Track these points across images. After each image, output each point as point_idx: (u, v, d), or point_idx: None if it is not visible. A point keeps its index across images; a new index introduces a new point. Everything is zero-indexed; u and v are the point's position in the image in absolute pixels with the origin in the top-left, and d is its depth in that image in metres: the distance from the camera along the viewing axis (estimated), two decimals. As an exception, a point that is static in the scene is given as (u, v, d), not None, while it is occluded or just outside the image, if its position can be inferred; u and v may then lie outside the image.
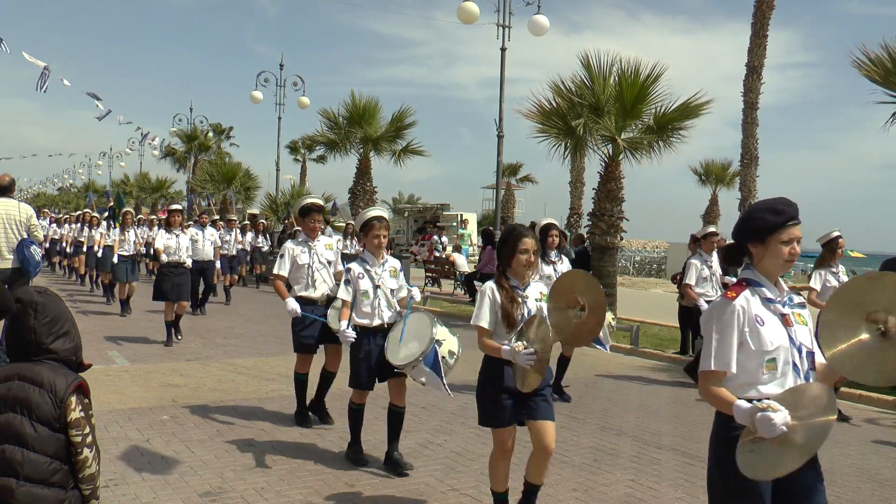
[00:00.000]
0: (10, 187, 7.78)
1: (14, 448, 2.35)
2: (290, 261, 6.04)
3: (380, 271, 5.08)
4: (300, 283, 6.07)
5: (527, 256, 3.89)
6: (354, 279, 4.99)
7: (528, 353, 3.70)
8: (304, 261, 6.05)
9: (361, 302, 5.01)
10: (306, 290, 6.06)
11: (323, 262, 6.15)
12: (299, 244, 6.14)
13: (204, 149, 38.63)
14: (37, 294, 2.47)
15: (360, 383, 5.07)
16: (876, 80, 11.11)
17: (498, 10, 16.88)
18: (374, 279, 5.04)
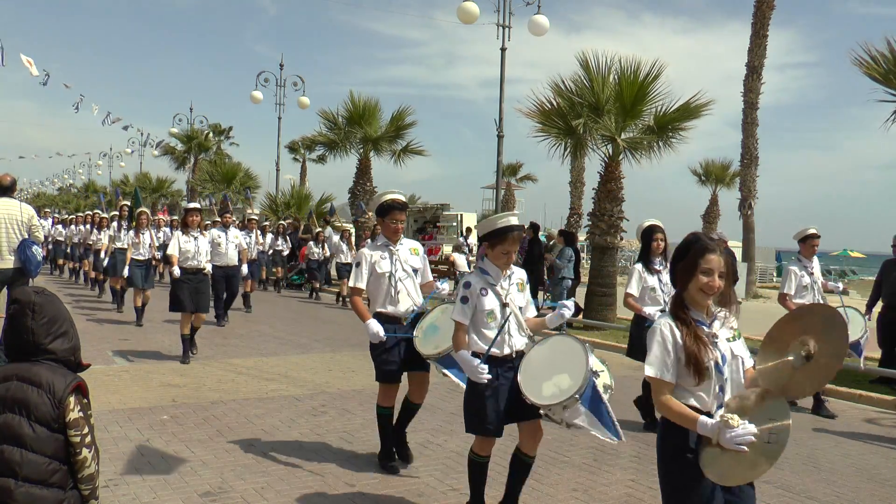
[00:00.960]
0: (12, 187, 7.78)
1: (13, 448, 2.35)
2: (369, 270, 5.05)
3: (506, 286, 4.06)
4: (380, 296, 5.06)
5: (709, 279, 2.82)
6: (474, 296, 3.97)
7: (746, 432, 2.63)
8: (384, 269, 5.04)
9: (485, 325, 3.97)
10: (387, 306, 5.04)
11: (407, 271, 5.12)
12: (378, 249, 5.11)
13: (204, 149, 38.64)
14: (35, 294, 2.46)
15: (487, 429, 3.95)
16: (876, 79, 11.11)
17: (498, 10, 16.88)
18: (501, 296, 4.04)
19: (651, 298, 6.47)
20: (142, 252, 11.83)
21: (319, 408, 6.77)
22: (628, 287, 6.56)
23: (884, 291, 8.93)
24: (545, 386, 3.74)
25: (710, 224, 29.14)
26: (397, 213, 5.08)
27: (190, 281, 8.84)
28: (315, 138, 24.61)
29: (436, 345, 4.61)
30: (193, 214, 9.46)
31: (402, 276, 5.08)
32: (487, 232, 4.02)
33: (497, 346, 3.91)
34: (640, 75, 13.09)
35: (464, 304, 3.96)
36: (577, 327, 13.12)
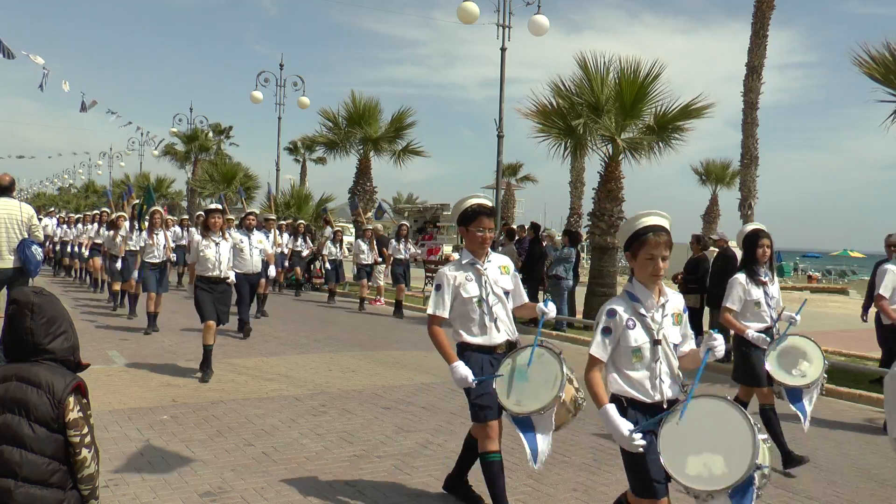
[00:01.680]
0: (11, 187, 7.78)
1: (12, 449, 2.35)
2: (452, 293, 4.12)
3: (658, 317, 3.21)
4: (467, 325, 4.15)
5: None
6: (619, 327, 3.18)
7: None
8: (472, 292, 4.11)
9: (629, 365, 3.19)
10: (479, 335, 4.13)
11: (499, 295, 4.18)
12: (462, 269, 4.17)
13: (204, 149, 38.64)
14: (33, 294, 2.46)
15: (658, 489, 3.13)
16: (876, 79, 11.11)
17: (498, 10, 16.89)
18: (652, 328, 3.18)
19: (754, 314, 5.51)
20: (156, 254, 11.07)
21: (319, 408, 6.77)
22: (727, 300, 5.51)
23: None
24: (691, 462, 2.94)
25: (710, 224, 29.14)
26: (486, 219, 4.13)
27: (212, 290, 7.96)
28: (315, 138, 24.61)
29: (517, 400, 3.70)
30: (215, 216, 8.31)
31: (494, 300, 4.15)
32: (627, 239, 3.29)
33: (641, 391, 3.14)
34: (640, 75, 13.10)
35: (605, 337, 3.19)
36: (578, 327, 13.12)
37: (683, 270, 11.02)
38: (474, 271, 4.16)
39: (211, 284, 7.96)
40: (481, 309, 4.11)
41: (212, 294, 7.94)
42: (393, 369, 8.90)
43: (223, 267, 8.06)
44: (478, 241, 4.14)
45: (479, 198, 4.23)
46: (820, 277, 42.63)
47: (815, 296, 25.94)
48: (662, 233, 3.20)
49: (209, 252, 7.98)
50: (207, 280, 7.95)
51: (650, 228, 3.21)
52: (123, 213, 13.91)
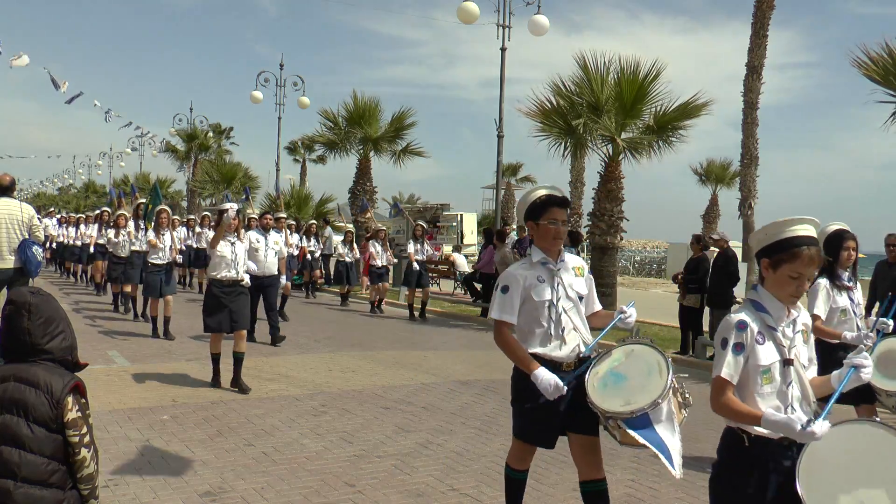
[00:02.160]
0: (11, 187, 7.78)
1: (11, 449, 2.35)
2: (522, 296, 3.55)
3: (790, 332, 2.73)
4: (535, 333, 3.56)
5: None
6: (749, 343, 2.68)
7: None
8: (543, 297, 3.54)
9: (756, 387, 2.70)
10: (545, 346, 3.55)
11: (573, 299, 3.63)
12: (533, 268, 3.60)
13: (204, 148, 38.66)
14: (30, 294, 2.45)
15: None
16: (876, 80, 11.13)
17: (498, 10, 16.89)
18: (783, 345, 2.71)
19: (841, 323, 5.03)
20: (161, 255, 10.56)
21: (319, 408, 6.78)
22: (814, 307, 5.01)
23: (879, 292, 8.95)
24: (843, 501, 2.45)
25: (710, 224, 29.15)
26: (557, 210, 3.57)
27: (226, 295, 7.37)
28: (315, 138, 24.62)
29: (626, 399, 3.20)
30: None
31: (568, 305, 3.59)
32: (769, 244, 2.73)
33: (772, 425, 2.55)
34: (640, 75, 13.11)
35: (736, 355, 2.66)
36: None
37: (683, 270, 11.02)
38: (546, 272, 3.59)
39: (225, 288, 7.39)
40: (551, 316, 3.55)
41: (226, 298, 7.35)
42: (393, 369, 8.90)
43: (239, 268, 7.53)
44: (550, 236, 3.58)
45: (548, 188, 3.70)
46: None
47: (815, 296, 25.89)
48: (815, 246, 2.67)
49: (225, 251, 7.43)
50: (221, 283, 7.40)
51: (805, 241, 2.66)
52: (124, 212, 13.34)
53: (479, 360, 9.84)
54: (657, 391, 3.17)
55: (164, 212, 10.91)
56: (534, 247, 3.66)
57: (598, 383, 3.31)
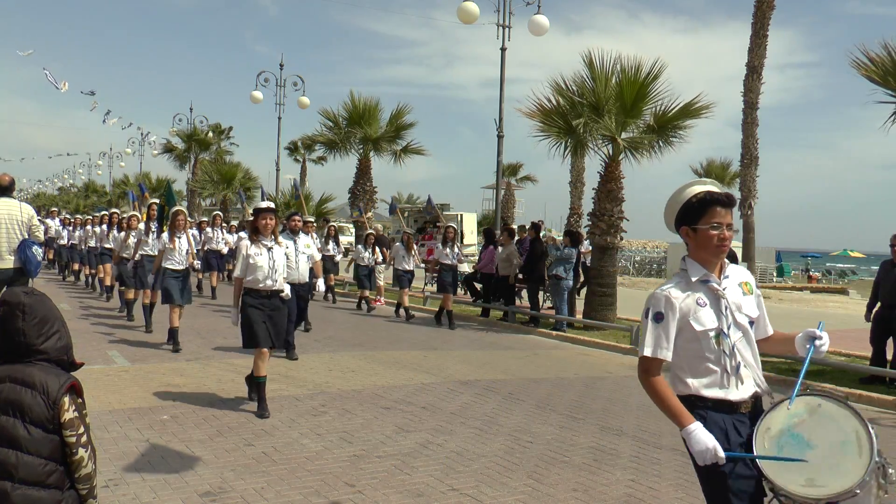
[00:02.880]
0: (11, 187, 7.78)
1: (8, 451, 2.34)
2: (680, 322, 2.74)
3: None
4: (698, 370, 2.76)
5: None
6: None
7: None
8: (707, 324, 2.73)
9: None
10: (716, 386, 2.73)
11: (742, 326, 2.79)
12: (691, 288, 2.78)
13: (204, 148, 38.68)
14: (24, 295, 2.44)
15: None
16: (875, 81, 11.11)
17: (498, 10, 16.90)
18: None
19: None
20: (177, 260, 9.67)
21: (319, 408, 6.77)
22: None
23: (881, 291, 8.97)
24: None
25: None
26: (720, 210, 2.76)
27: (263, 307, 6.58)
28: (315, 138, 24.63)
29: (808, 478, 2.49)
30: (267, 216, 6.71)
31: (735, 334, 2.76)
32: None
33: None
34: (641, 75, 13.10)
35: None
36: (578, 327, 13.13)
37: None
38: (708, 292, 2.77)
39: (262, 300, 6.57)
40: (720, 347, 2.73)
41: (263, 311, 6.55)
42: (393, 369, 8.90)
43: (278, 277, 6.67)
44: (712, 245, 2.75)
45: (708, 183, 2.91)
46: (820, 277, 42.64)
47: (815, 296, 25.96)
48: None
49: (261, 260, 6.56)
50: (258, 294, 6.57)
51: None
52: (136, 213, 12.74)
53: (479, 360, 9.84)
54: (855, 475, 2.42)
55: (181, 213, 9.99)
56: (688, 260, 2.85)
57: (772, 444, 2.59)
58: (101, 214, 16.35)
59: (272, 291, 6.64)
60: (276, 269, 6.63)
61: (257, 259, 6.55)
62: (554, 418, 6.74)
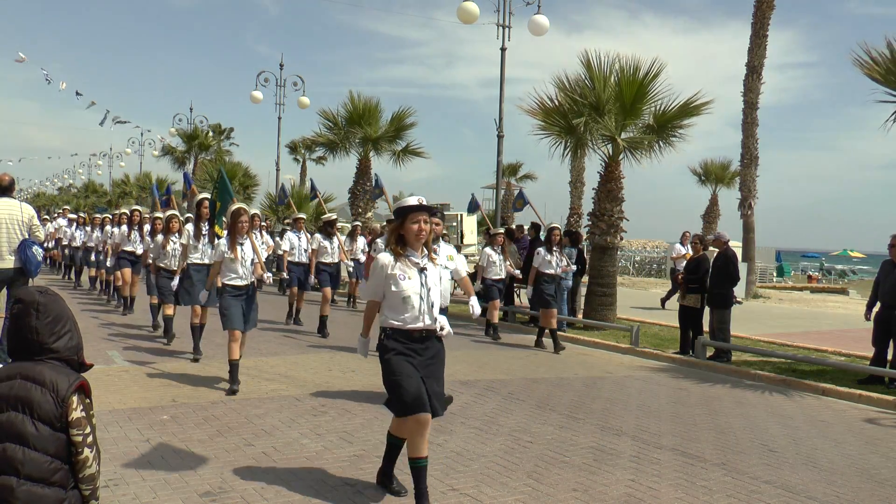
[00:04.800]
0: (11, 187, 7.78)
1: (15, 447, 2.36)
2: None
3: None
4: None
5: None
6: None
7: None
8: None
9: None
10: None
11: None
12: None
13: (204, 148, 38.67)
14: (38, 294, 2.48)
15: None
16: (877, 79, 11.10)
17: (498, 10, 16.90)
18: None
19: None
20: (240, 273, 7.37)
21: (319, 408, 6.78)
22: None
23: (882, 292, 8.98)
24: None
25: (710, 224, 29.13)
26: None
27: (415, 353, 4.48)
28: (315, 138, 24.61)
29: None
30: (422, 219, 4.69)
31: None
32: None
33: None
34: (640, 74, 13.11)
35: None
36: (578, 327, 13.13)
37: (684, 270, 11.02)
38: None
39: (413, 344, 4.62)
40: None
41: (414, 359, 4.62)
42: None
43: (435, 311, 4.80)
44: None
45: None
46: (820, 277, 42.64)
47: (815, 296, 25.95)
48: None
49: (410, 287, 4.59)
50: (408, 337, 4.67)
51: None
52: (177, 212, 10.82)
53: (479, 360, 9.84)
54: None
55: (244, 212, 7.55)
56: None
57: None
58: (120, 213, 14.12)
59: (427, 331, 4.61)
60: (431, 300, 4.55)
61: (404, 286, 4.42)
62: (554, 418, 6.74)
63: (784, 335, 12.81)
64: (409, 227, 4.41)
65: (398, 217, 4.48)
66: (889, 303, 8.82)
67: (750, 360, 10.42)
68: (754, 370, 9.53)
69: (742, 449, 6.04)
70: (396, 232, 4.47)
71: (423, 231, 4.40)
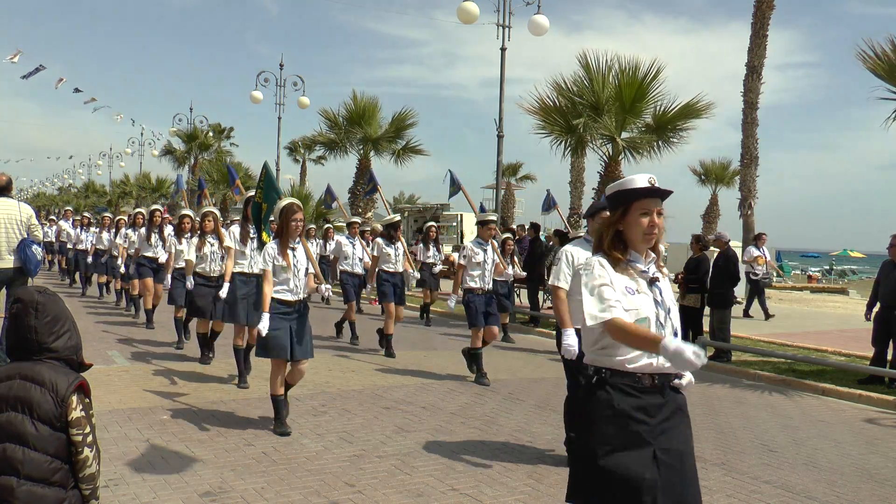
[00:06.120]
0: (9, 187, 7.78)
1: (15, 447, 2.36)
2: None
3: None
4: None
5: None
6: None
7: None
8: None
9: None
10: None
11: None
12: None
13: (204, 148, 38.69)
14: (37, 293, 2.49)
15: None
16: (880, 75, 11.09)
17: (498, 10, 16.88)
18: None
19: None
20: (291, 286, 5.86)
21: (319, 408, 6.77)
22: None
23: (881, 291, 8.98)
24: None
25: (710, 224, 29.14)
26: None
27: None
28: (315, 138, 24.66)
29: None
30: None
31: None
32: None
33: None
34: (640, 75, 13.13)
35: None
36: (577, 327, 13.12)
37: (683, 270, 11.02)
38: None
39: None
40: None
41: None
42: (393, 369, 8.91)
43: None
44: None
45: None
46: (820, 277, 42.65)
47: (815, 296, 25.94)
48: None
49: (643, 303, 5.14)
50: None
51: None
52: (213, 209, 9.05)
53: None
54: None
55: (297, 209, 6.01)
56: None
57: None
58: (136, 213, 12.76)
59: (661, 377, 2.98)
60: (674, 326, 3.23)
61: (635, 304, 3.11)
62: (554, 418, 6.74)
63: (784, 335, 12.81)
64: (635, 220, 2.92)
65: (618, 203, 2.98)
66: (889, 303, 8.82)
67: (750, 360, 10.42)
68: (754, 370, 9.53)
69: (742, 449, 6.04)
70: (615, 227, 2.98)
71: (656, 227, 2.94)
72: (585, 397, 2.85)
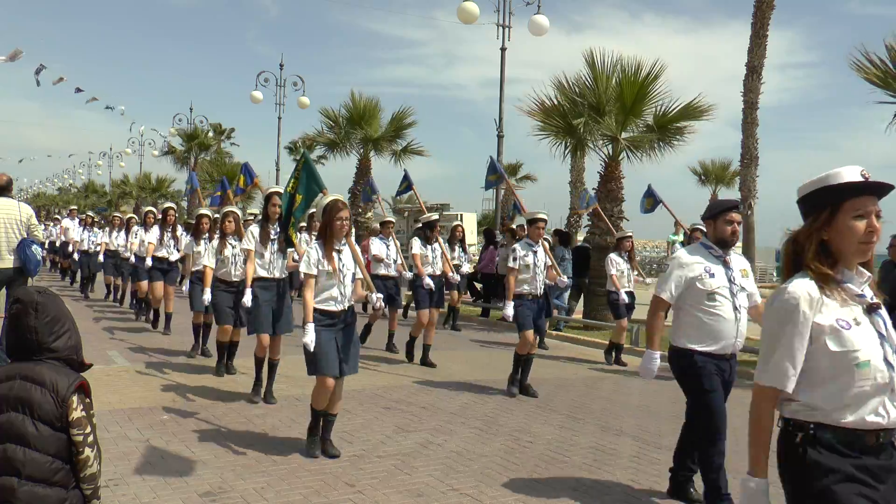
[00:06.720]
0: (8, 187, 7.78)
1: (16, 447, 2.36)
2: None
3: None
4: None
5: None
6: None
7: None
8: None
9: None
10: None
11: None
12: None
13: (204, 148, 38.66)
14: (37, 294, 2.48)
15: None
16: (875, 83, 11.12)
17: (498, 10, 16.92)
18: None
19: None
20: (334, 294, 5.21)
21: (319, 408, 6.76)
22: None
23: (882, 292, 8.97)
24: None
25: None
26: None
27: None
28: (315, 138, 24.63)
29: None
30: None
31: None
32: None
33: None
34: (641, 75, 13.15)
35: None
36: (577, 327, 13.13)
37: None
38: None
39: None
40: None
41: None
42: (393, 369, 8.90)
43: None
44: None
45: None
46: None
47: (814, 296, 25.93)
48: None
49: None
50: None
51: None
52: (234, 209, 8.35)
53: (479, 361, 9.84)
54: None
55: (343, 206, 5.30)
56: None
57: None
58: (146, 211, 11.98)
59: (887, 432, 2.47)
60: None
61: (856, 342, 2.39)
62: (554, 418, 6.74)
63: (784, 335, 12.79)
64: (846, 224, 2.29)
65: (822, 204, 2.33)
66: (889, 303, 8.82)
67: (750, 359, 10.41)
68: (754, 370, 9.51)
69: (742, 449, 6.01)
70: (817, 235, 2.34)
71: (876, 233, 2.30)
72: (806, 470, 2.34)
